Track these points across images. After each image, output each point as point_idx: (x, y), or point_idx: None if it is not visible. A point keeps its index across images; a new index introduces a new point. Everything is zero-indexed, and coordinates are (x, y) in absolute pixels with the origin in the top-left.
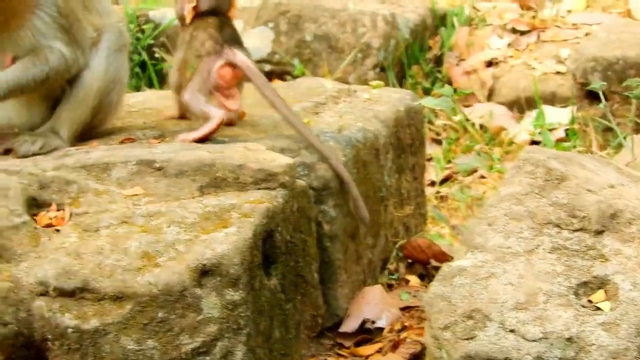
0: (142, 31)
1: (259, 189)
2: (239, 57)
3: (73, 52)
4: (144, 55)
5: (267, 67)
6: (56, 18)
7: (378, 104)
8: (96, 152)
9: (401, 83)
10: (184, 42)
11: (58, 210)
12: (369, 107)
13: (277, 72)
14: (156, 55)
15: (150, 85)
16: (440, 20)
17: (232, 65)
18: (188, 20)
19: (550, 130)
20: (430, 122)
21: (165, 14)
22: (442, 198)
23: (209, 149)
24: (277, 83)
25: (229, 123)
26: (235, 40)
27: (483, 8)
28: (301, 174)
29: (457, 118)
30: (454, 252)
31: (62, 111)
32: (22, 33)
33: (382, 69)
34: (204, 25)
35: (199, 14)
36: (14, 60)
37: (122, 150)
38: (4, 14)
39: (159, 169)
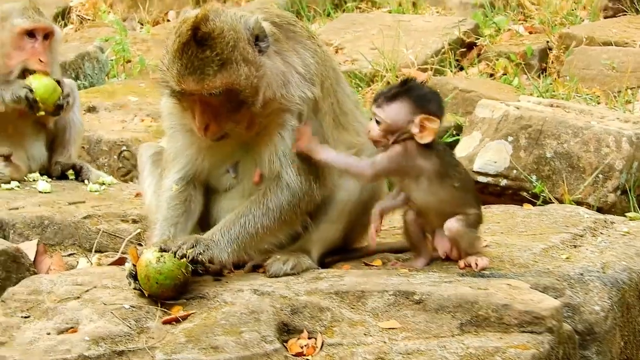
0: None
1: (523, 332)
2: None
3: (306, 181)
4: None
5: (504, 182)
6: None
7: (639, 240)
8: (350, 277)
9: None
10: None
11: (309, 339)
12: (630, 243)
13: (513, 188)
14: None
15: None
16: None
17: None
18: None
19: None
20: None
21: None
22: None
23: (470, 284)
24: (528, 208)
25: None
26: None
27: None
28: (565, 316)
29: None
30: None
31: (313, 230)
32: (268, 154)
33: (623, 192)
34: None
35: None
36: (261, 176)
37: (378, 277)
38: (255, 128)
39: (418, 302)
